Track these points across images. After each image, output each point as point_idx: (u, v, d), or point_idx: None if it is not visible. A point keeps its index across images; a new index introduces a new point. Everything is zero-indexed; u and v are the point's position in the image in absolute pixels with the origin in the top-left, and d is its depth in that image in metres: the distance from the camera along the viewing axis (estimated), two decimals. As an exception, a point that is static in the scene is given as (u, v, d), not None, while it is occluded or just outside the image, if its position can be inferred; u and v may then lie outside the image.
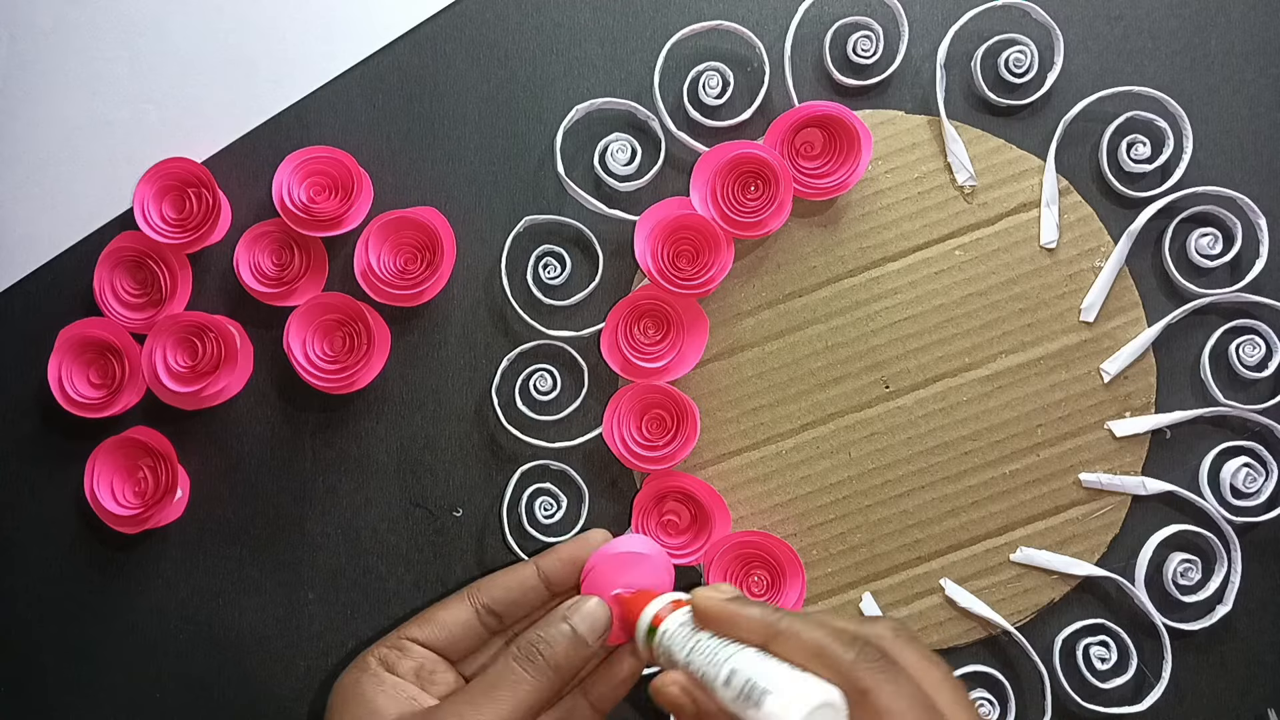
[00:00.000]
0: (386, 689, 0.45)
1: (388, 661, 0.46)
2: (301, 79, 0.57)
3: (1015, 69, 0.55)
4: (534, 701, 0.44)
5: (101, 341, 0.55)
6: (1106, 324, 0.55)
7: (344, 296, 0.54)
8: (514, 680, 0.44)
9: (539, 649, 0.45)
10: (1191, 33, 0.56)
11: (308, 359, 0.54)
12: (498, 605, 0.48)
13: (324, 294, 0.54)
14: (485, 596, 0.48)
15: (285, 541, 0.56)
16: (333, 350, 0.55)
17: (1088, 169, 0.55)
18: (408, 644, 0.47)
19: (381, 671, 0.46)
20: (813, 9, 0.55)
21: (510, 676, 0.44)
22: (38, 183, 0.57)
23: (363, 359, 0.54)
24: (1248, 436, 0.54)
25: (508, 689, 0.44)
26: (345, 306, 0.54)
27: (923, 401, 0.55)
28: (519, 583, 0.48)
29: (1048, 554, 0.54)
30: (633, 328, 0.54)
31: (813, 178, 0.54)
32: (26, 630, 0.56)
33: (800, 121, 0.54)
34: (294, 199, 0.54)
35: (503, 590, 0.48)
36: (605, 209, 0.54)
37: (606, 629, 0.46)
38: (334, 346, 0.55)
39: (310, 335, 0.54)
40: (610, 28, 0.56)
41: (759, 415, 0.55)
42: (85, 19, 0.57)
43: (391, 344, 0.55)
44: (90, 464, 0.55)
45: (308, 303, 0.54)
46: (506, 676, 0.44)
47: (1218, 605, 0.54)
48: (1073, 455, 0.55)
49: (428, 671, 0.47)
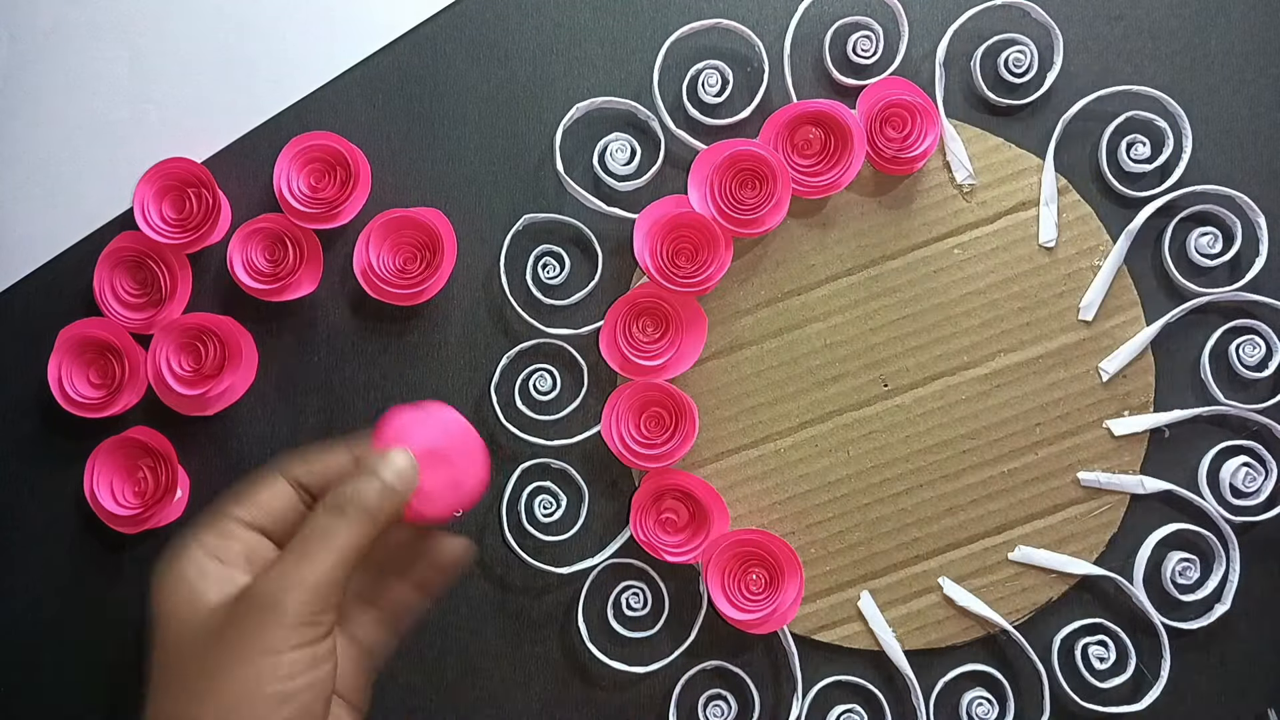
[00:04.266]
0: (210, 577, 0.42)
1: (212, 547, 0.43)
2: (301, 79, 0.57)
3: (1015, 68, 0.55)
4: (351, 552, 0.42)
5: (101, 341, 0.55)
6: (1105, 323, 0.55)
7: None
8: (326, 532, 0.42)
9: (348, 498, 0.43)
10: (1191, 33, 0.56)
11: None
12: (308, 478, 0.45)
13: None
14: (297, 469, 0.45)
15: (285, 541, 0.56)
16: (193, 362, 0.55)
17: (1087, 168, 0.56)
18: (234, 527, 0.44)
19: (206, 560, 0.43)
20: (812, 8, 0.55)
21: (321, 530, 0.42)
22: (38, 183, 0.57)
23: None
24: (1247, 436, 0.54)
25: (322, 542, 0.42)
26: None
27: (921, 400, 0.55)
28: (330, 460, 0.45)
29: (1046, 553, 0.54)
30: (631, 326, 0.54)
31: (809, 175, 0.54)
32: (26, 630, 0.56)
33: (796, 119, 0.54)
34: (294, 189, 0.54)
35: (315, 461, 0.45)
36: (604, 207, 0.55)
37: (415, 478, 0.44)
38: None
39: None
40: (610, 28, 0.56)
41: (757, 413, 0.55)
42: (85, 19, 0.57)
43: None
44: (90, 464, 0.55)
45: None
46: (317, 530, 0.42)
47: (1216, 604, 0.54)
48: (1071, 454, 0.55)
49: (258, 555, 0.44)
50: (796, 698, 0.54)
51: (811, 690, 0.54)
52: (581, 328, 0.55)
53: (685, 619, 0.55)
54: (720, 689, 0.54)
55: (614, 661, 0.54)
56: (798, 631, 0.54)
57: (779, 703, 0.55)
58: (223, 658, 0.41)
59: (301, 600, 0.41)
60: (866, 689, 0.54)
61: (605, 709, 0.55)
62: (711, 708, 0.54)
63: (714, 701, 0.54)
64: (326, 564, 0.41)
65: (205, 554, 0.43)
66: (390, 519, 0.43)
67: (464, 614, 0.55)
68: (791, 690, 0.54)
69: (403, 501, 0.44)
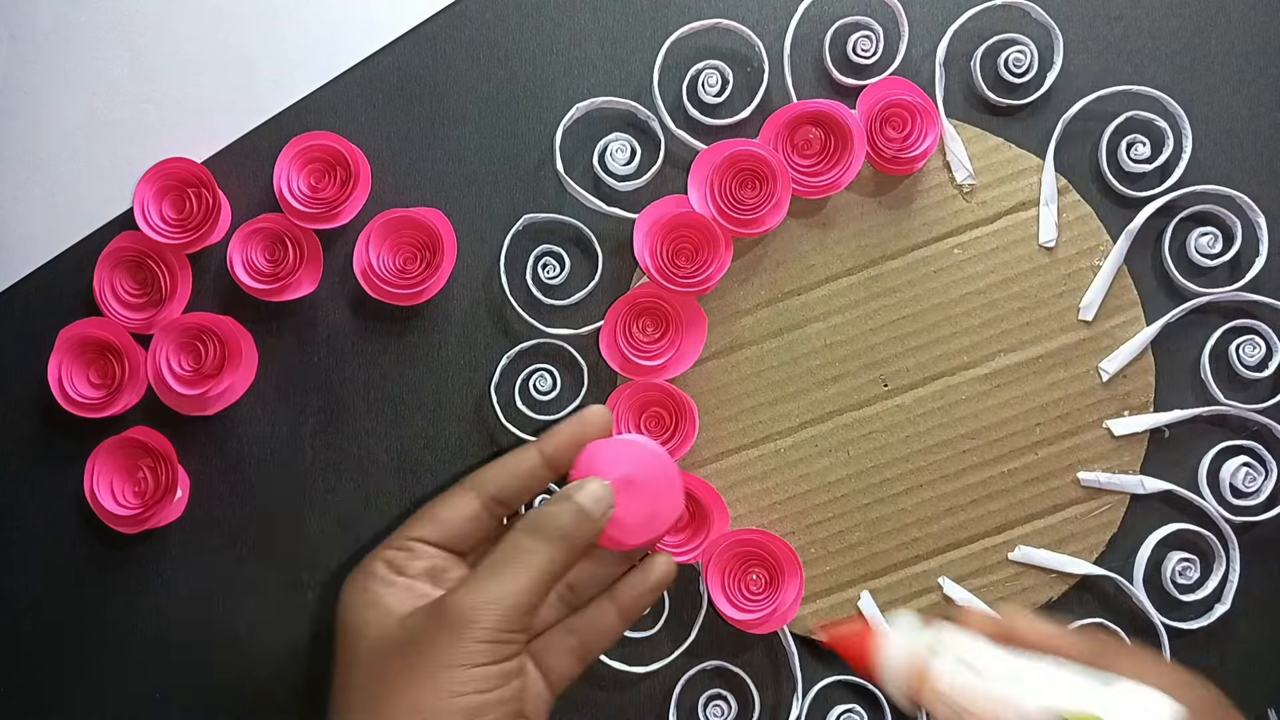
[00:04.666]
0: (397, 589, 0.44)
1: (395, 564, 0.45)
2: (301, 79, 0.57)
3: (1015, 68, 0.55)
4: (546, 573, 0.43)
5: (101, 341, 0.55)
6: (1105, 323, 0.55)
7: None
8: (522, 552, 0.43)
9: (544, 520, 0.43)
10: (1191, 33, 0.56)
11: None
12: (502, 493, 0.46)
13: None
14: (490, 487, 0.46)
15: (285, 541, 0.56)
16: (193, 362, 0.54)
17: (1087, 168, 0.56)
18: (415, 544, 0.45)
19: (390, 574, 0.44)
20: (812, 8, 0.55)
21: (517, 550, 0.43)
22: (38, 183, 0.57)
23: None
24: (1247, 436, 0.54)
25: (517, 562, 0.42)
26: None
27: (921, 400, 0.55)
28: (520, 467, 0.46)
29: (1046, 553, 0.54)
30: (632, 326, 0.54)
31: (809, 175, 0.54)
32: (26, 630, 0.56)
33: (796, 119, 0.54)
34: (294, 189, 0.54)
35: (506, 476, 0.46)
36: (604, 207, 0.55)
37: (610, 506, 0.45)
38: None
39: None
40: (610, 28, 0.56)
41: (757, 413, 0.55)
42: (85, 19, 0.57)
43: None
44: (90, 464, 0.55)
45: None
46: (513, 550, 0.43)
47: (1216, 604, 0.54)
48: (1071, 454, 0.55)
49: (440, 570, 0.45)
50: (796, 698, 0.54)
51: (811, 690, 0.54)
52: (581, 328, 0.55)
53: (685, 619, 0.55)
54: (720, 689, 0.54)
55: (614, 661, 0.54)
56: (798, 631, 0.54)
57: (779, 703, 0.55)
58: (413, 670, 0.41)
59: (495, 616, 0.41)
60: (866, 689, 0.54)
61: (605, 709, 0.55)
62: (711, 708, 0.54)
63: (714, 701, 0.54)
64: (521, 583, 0.42)
65: (389, 569, 0.45)
66: (585, 543, 0.44)
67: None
68: (791, 690, 0.54)
69: (598, 527, 0.45)
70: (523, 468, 0.46)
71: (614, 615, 0.47)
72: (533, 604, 0.43)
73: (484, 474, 0.46)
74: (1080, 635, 0.39)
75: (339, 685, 0.44)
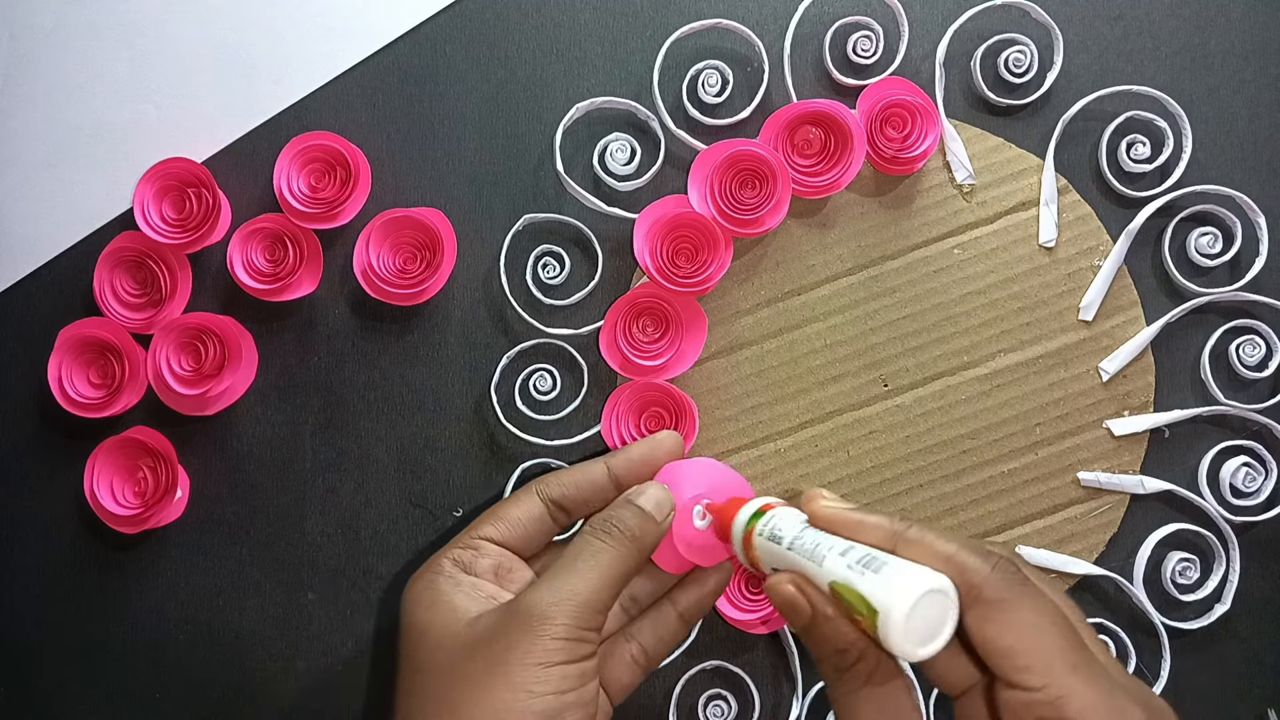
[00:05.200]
0: (464, 588, 0.44)
1: (463, 562, 0.45)
2: (301, 79, 0.57)
3: (1015, 68, 0.55)
4: (617, 571, 0.43)
5: (101, 341, 0.55)
6: (1105, 323, 0.55)
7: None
8: (594, 550, 0.43)
9: (613, 522, 0.44)
10: (1191, 33, 0.56)
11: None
12: (567, 501, 0.47)
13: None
14: (555, 491, 0.47)
15: (285, 541, 0.56)
16: (193, 362, 0.54)
17: (1087, 168, 0.56)
18: (482, 543, 0.46)
19: (458, 572, 0.45)
20: (812, 8, 0.55)
21: (589, 548, 0.44)
22: (38, 183, 0.57)
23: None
24: (1247, 436, 0.54)
25: (589, 559, 0.43)
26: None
27: (921, 400, 0.55)
28: (588, 479, 0.47)
29: (1046, 553, 0.54)
30: (632, 326, 0.54)
31: (809, 175, 0.54)
32: (26, 630, 0.56)
33: (796, 119, 0.54)
34: (294, 189, 0.54)
35: (573, 486, 0.47)
36: (604, 207, 0.55)
37: (671, 509, 0.46)
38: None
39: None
40: (610, 28, 0.56)
41: (757, 413, 0.55)
42: (85, 19, 0.57)
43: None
44: (90, 464, 0.55)
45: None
46: (585, 548, 0.44)
47: (1216, 604, 0.54)
48: (1071, 454, 0.55)
49: (505, 570, 0.46)
50: (796, 698, 0.54)
51: (811, 690, 0.54)
52: (581, 328, 0.55)
53: (685, 619, 0.55)
54: (720, 689, 0.54)
55: (614, 661, 0.54)
56: (798, 631, 0.54)
57: (779, 703, 0.55)
58: (489, 670, 0.41)
59: (571, 614, 0.41)
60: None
61: (605, 709, 0.55)
62: (711, 707, 0.54)
63: (714, 701, 0.54)
64: (592, 580, 0.43)
65: (457, 567, 0.45)
66: (651, 545, 0.45)
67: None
68: (791, 690, 0.54)
69: (661, 529, 0.45)
70: (589, 478, 0.47)
71: (675, 620, 0.47)
72: (605, 602, 0.43)
73: (550, 479, 0.47)
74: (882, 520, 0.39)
75: (406, 689, 0.44)
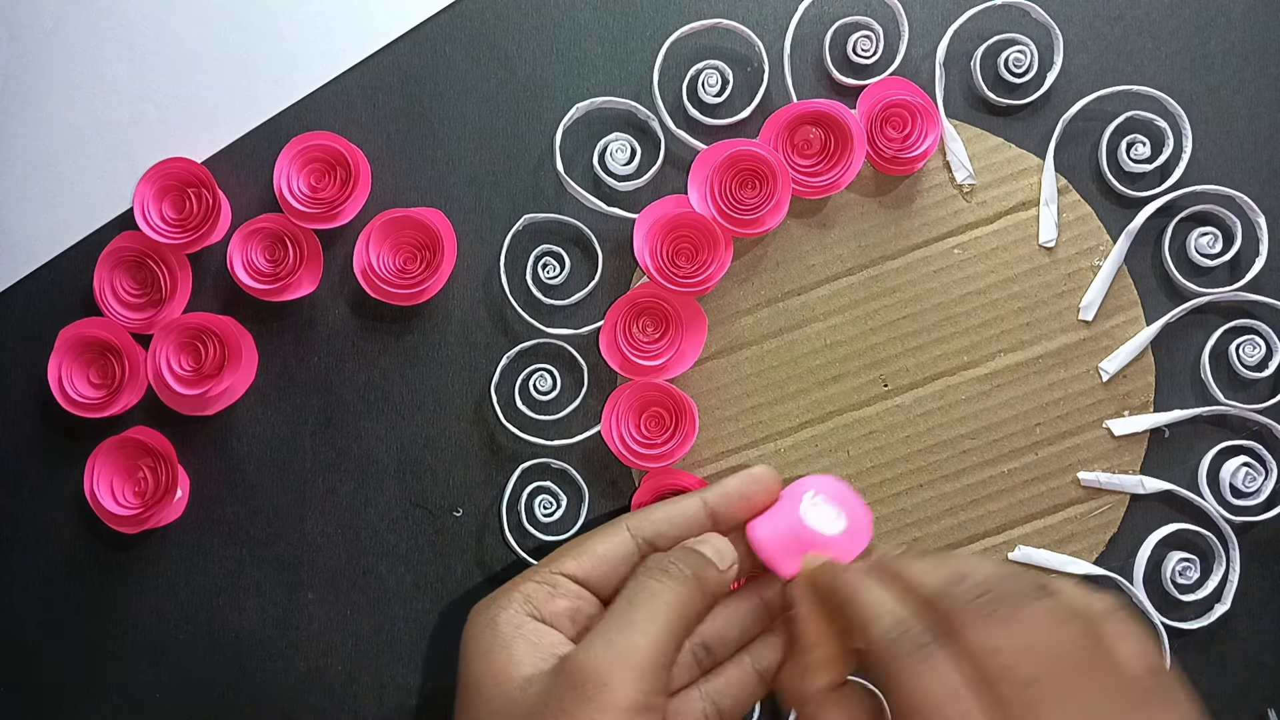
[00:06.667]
0: (526, 633, 0.39)
1: (535, 600, 0.40)
2: (301, 79, 0.57)
3: (1015, 68, 0.55)
4: (678, 616, 0.38)
5: (101, 341, 0.55)
6: (1105, 323, 0.55)
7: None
8: (652, 592, 0.38)
9: (671, 561, 0.40)
10: (1191, 33, 0.56)
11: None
12: (659, 539, 0.42)
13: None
14: (648, 528, 0.43)
15: (285, 541, 0.56)
16: (193, 362, 0.55)
17: (1087, 168, 0.56)
18: (561, 579, 0.41)
19: (523, 612, 0.40)
20: (812, 8, 0.55)
21: (646, 591, 0.39)
22: (38, 183, 0.57)
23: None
24: (1247, 436, 0.54)
25: (647, 604, 0.38)
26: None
27: (921, 400, 0.55)
28: (682, 514, 0.43)
29: (1046, 553, 0.54)
30: (631, 326, 0.54)
31: (809, 175, 0.54)
32: (26, 630, 0.56)
33: (796, 119, 0.54)
34: (294, 189, 0.54)
35: (666, 523, 0.43)
36: (604, 207, 0.55)
37: (735, 558, 0.42)
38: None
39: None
40: (610, 28, 0.56)
41: (757, 413, 0.55)
42: (85, 19, 0.57)
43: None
44: (90, 464, 0.55)
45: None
46: (641, 592, 0.39)
47: (1216, 604, 0.54)
48: (1071, 454, 0.55)
49: (581, 613, 0.41)
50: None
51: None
52: (581, 328, 0.55)
53: (685, 619, 0.55)
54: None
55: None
56: (798, 631, 0.54)
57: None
58: None
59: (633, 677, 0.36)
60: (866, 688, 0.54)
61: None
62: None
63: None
64: (651, 632, 0.38)
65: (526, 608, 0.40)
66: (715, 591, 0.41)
67: (464, 615, 0.55)
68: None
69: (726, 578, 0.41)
70: (684, 514, 0.43)
71: (753, 677, 0.42)
72: (669, 656, 0.38)
73: (641, 515, 0.43)
74: None
75: None
